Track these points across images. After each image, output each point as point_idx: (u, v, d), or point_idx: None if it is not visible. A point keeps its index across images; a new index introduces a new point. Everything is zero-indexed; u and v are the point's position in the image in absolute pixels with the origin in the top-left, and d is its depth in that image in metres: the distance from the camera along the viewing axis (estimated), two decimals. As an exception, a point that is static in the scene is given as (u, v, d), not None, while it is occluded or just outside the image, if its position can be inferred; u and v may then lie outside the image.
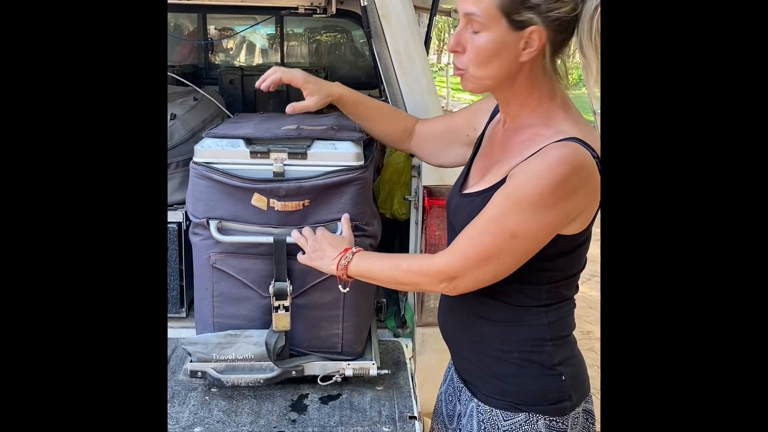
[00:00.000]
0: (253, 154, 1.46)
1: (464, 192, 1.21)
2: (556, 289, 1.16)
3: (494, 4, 1.04)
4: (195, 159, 1.48)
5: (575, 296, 1.21)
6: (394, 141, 1.55)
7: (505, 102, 1.17)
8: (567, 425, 1.16)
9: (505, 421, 1.16)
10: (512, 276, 1.11)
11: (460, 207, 1.19)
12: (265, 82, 1.45)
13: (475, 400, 1.21)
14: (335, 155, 1.47)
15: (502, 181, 1.09)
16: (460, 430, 1.27)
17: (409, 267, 1.18)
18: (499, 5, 1.04)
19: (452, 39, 1.10)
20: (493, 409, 1.18)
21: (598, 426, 1.17)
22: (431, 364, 1.83)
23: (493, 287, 1.14)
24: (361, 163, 1.48)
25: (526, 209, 1.04)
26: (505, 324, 1.17)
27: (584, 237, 1.14)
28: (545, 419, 1.15)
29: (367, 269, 1.23)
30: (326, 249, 1.30)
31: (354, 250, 1.27)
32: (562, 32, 1.07)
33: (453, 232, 1.20)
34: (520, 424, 1.15)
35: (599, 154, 1.05)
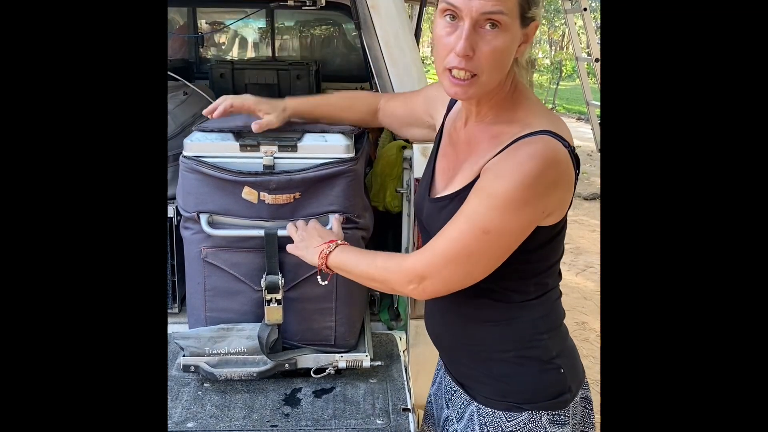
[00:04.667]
0: (243, 147, 1.45)
1: (435, 197, 1.17)
2: (543, 280, 1.15)
3: (516, 1, 0.99)
4: (185, 153, 1.47)
5: (561, 284, 1.21)
6: (367, 123, 1.55)
7: (476, 101, 1.11)
8: (569, 416, 1.15)
9: (508, 422, 1.14)
10: (499, 274, 1.08)
11: (433, 212, 1.16)
12: (216, 111, 1.42)
13: (475, 403, 1.19)
14: (325, 147, 1.47)
15: (475, 180, 1.06)
16: None
17: (384, 263, 1.15)
18: (519, 2, 1.00)
19: (464, 42, 0.99)
20: (496, 411, 1.16)
21: (597, 416, 1.17)
22: (425, 357, 1.82)
23: (482, 287, 1.11)
24: (352, 155, 1.48)
25: (497, 207, 1.00)
26: (497, 323, 1.16)
27: (562, 224, 1.12)
28: (548, 414, 1.13)
29: (344, 261, 1.21)
30: (313, 239, 1.28)
31: (339, 242, 1.25)
32: None
33: (427, 237, 1.15)
34: (524, 423, 1.13)
35: (571, 143, 1.03)
